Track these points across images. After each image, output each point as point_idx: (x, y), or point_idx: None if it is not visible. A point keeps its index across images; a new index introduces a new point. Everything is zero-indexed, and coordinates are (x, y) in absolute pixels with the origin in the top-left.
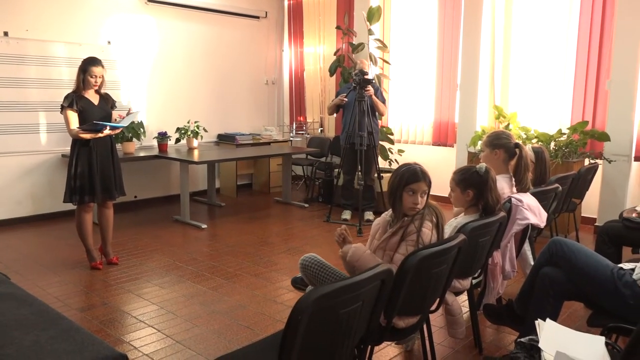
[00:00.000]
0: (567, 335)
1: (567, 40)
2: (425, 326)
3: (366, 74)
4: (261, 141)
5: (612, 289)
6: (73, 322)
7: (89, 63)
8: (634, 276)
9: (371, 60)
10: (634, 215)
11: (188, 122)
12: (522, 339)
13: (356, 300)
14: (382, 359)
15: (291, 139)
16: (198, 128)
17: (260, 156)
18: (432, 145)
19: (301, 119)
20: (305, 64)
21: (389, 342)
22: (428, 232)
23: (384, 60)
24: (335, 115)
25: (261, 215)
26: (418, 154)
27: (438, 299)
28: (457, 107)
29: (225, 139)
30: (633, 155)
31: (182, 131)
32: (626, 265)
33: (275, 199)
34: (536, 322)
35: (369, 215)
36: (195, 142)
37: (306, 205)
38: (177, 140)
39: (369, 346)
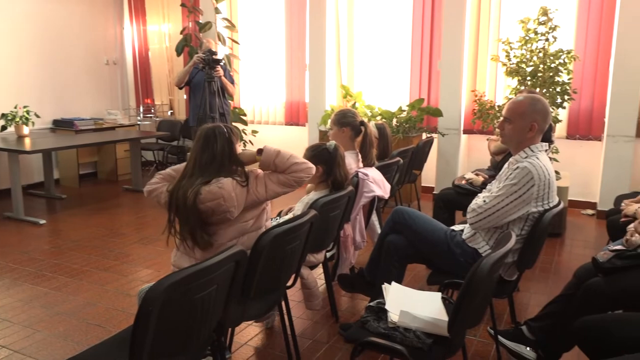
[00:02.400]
0: (410, 295)
1: (404, 24)
2: (283, 302)
3: (215, 53)
4: (105, 126)
5: (446, 249)
6: None
7: None
8: (463, 236)
9: (219, 39)
10: (463, 182)
11: (15, 108)
12: (372, 303)
13: (210, 284)
14: (244, 340)
15: (139, 122)
16: (28, 114)
17: (104, 142)
18: (285, 125)
19: (149, 101)
20: (149, 43)
21: (248, 322)
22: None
23: (233, 40)
24: (183, 90)
25: (109, 206)
26: (271, 134)
27: (294, 274)
28: (307, 87)
29: (62, 125)
30: (462, 129)
31: (9, 117)
32: (457, 227)
33: (124, 187)
34: (383, 286)
35: None
36: (26, 130)
37: None
38: (3, 128)
39: (229, 329)
